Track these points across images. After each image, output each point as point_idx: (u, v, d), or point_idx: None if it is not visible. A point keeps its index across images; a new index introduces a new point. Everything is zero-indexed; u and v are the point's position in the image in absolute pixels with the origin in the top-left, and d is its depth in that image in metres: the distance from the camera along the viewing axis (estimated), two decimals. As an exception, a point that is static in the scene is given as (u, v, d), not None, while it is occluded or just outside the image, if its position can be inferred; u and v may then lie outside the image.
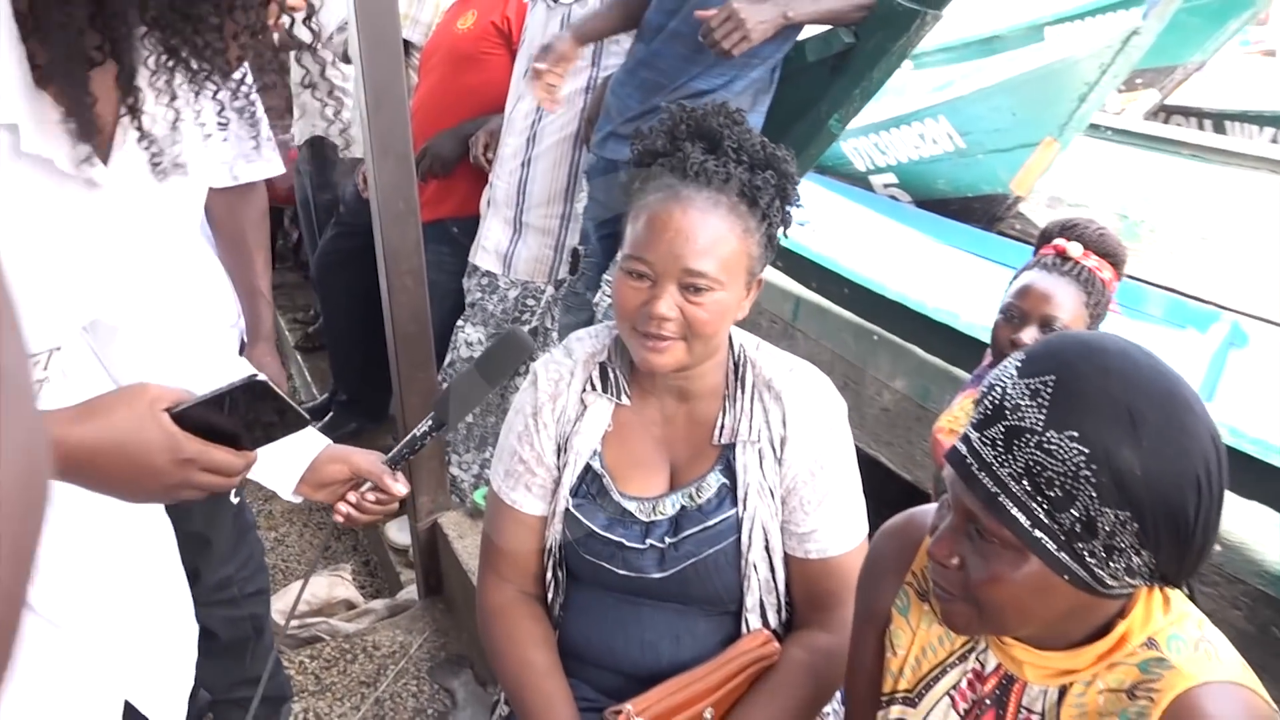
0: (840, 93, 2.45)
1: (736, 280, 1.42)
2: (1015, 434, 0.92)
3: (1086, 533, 0.91)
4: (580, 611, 1.60)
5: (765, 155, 1.44)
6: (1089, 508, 0.90)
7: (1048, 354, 0.94)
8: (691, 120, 1.45)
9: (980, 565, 0.99)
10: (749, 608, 1.53)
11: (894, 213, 5.86)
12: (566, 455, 1.56)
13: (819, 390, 1.54)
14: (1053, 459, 0.90)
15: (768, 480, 1.50)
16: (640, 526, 1.52)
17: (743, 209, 1.41)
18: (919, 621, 1.20)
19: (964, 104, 5.70)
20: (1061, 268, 1.92)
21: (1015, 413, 0.93)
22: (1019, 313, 1.92)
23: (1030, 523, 0.93)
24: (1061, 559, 0.93)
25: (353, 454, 1.35)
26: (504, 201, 2.98)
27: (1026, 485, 0.92)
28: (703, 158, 1.41)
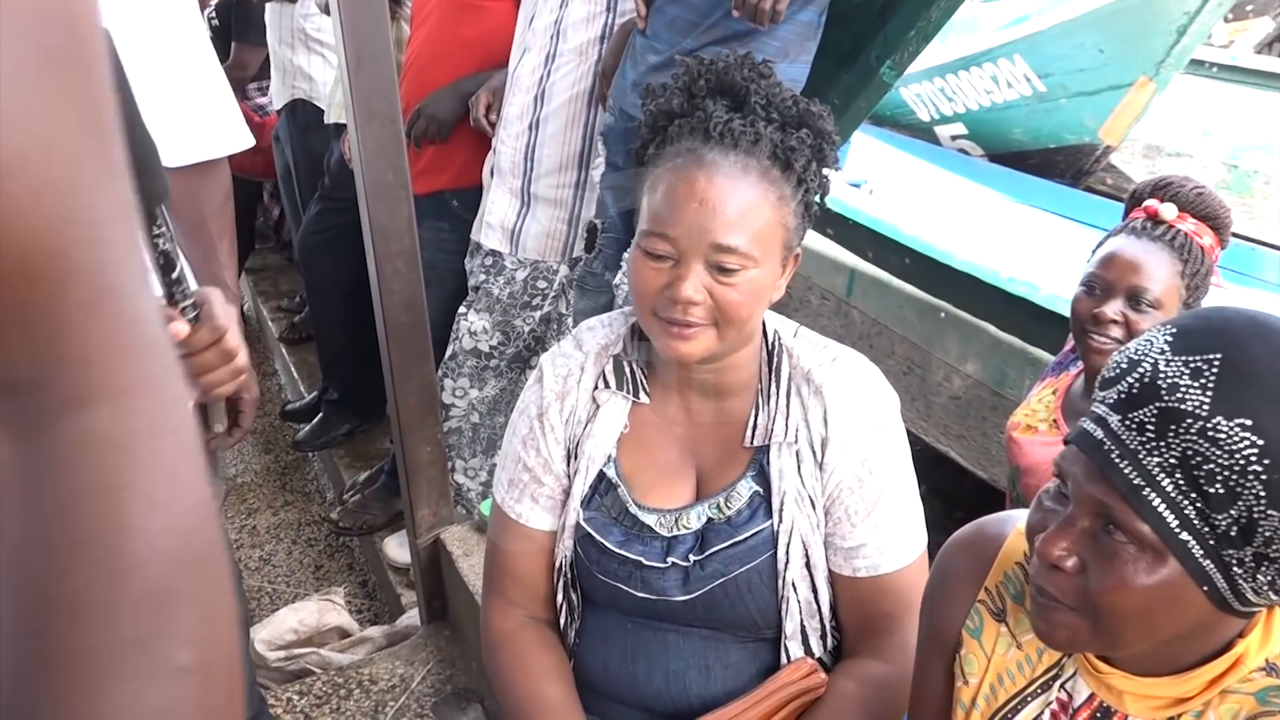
0: (893, 36, 2.43)
1: (771, 255, 1.42)
2: (1172, 418, 0.90)
3: (1241, 538, 0.90)
4: (596, 638, 1.62)
5: (798, 112, 1.43)
6: (1252, 509, 0.88)
7: (1208, 328, 0.93)
8: (711, 74, 1.43)
9: (1105, 568, 0.97)
10: (788, 634, 1.53)
11: (963, 168, 5.82)
12: (577, 461, 1.57)
13: (866, 382, 1.53)
14: (1218, 450, 0.88)
15: (807, 487, 1.50)
16: (661, 543, 1.53)
17: (775, 174, 1.40)
18: (994, 645, 1.19)
19: (1043, 40, 5.65)
20: (1153, 232, 1.90)
21: (1173, 394, 0.90)
22: (1102, 284, 1.90)
23: (1178, 522, 0.91)
24: (1205, 567, 0.92)
25: None
26: (509, 170, 2.98)
27: (1179, 479, 0.90)
28: (727, 116, 1.39)
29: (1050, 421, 2.06)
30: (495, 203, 3.03)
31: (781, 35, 2.41)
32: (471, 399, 3.11)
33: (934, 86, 6.16)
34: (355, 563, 3.65)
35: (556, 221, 2.98)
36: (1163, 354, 0.93)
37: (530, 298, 3.03)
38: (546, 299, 3.04)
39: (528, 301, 3.03)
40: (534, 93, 2.91)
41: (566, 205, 2.97)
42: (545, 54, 2.88)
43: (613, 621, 1.59)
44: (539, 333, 3.08)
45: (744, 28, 2.38)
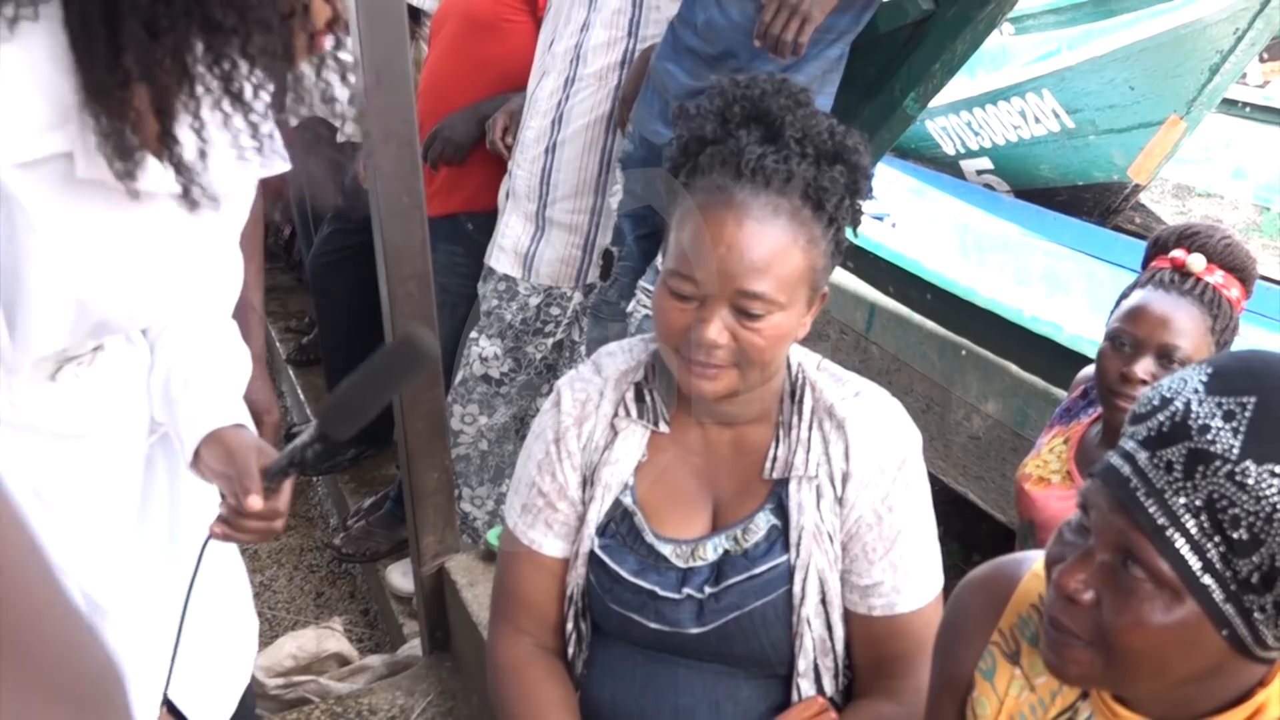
0: (917, 68, 2.46)
1: (797, 299, 1.43)
2: (1201, 459, 0.91)
3: (1263, 585, 0.90)
4: (605, 670, 1.63)
5: (834, 145, 1.42)
6: (1276, 556, 0.89)
7: (1245, 371, 0.94)
8: (747, 100, 1.42)
9: (1121, 604, 0.97)
10: (800, 671, 1.54)
11: (989, 204, 5.84)
12: (593, 489, 1.58)
13: (889, 418, 1.55)
14: (1245, 495, 0.89)
15: (826, 523, 1.51)
16: (676, 573, 1.54)
17: (806, 214, 1.41)
18: (1007, 687, 1.20)
19: (1073, 76, 5.67)
20: (1181, 285, 1.88)
21: (1203, 435, 0.91)
22: (1131, 340, 1.87)
23: (1200, 565, 0.92)
24: (1225, 611, 0.92)
25: (239, 446, 1.39)
26: (525, 193, 3.01)
27: (1204, 521, 0.91)
28: (760, 150, 1.39)
29: (1064, 473, 2.05)
30: (510, 227, 3.06)
31: (808, 71, 2.43)
32: (480, 426, 3.13)
33: (960, 120, 6.19)
34: (357, 590, 3.66)
35: (571, 247, 3.00)
36: (1196, 394, 0.94)
37: (543, 324, 3.05)
38: (559, 326, 3.06)
39: (540, 328, 3.06)
40: (552, 116, 2.94)
41: (582, 231, 2.99)
42: (564, 78, 2.91)
43: (623, 653, 1.61)
44: (551, 360, 3.10)
45: (772, 66, 2.40)
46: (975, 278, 4.25)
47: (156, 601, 1.36)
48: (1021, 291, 4.11)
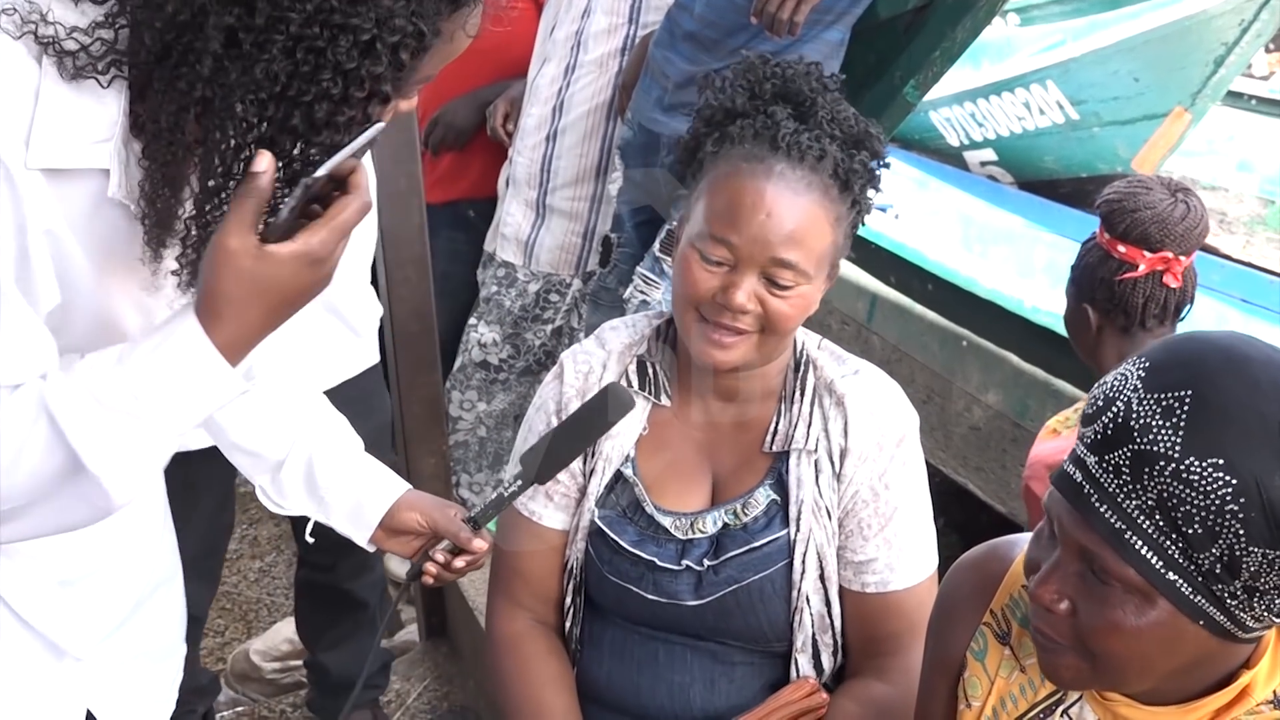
0: (917, 55, 2.47)
1: (820, 272, 1.48)
2: (1146, 461, 0.91)
3: (1227, 574, 0.91)
4: (602, 646, 1.65)
5: (859, 132, 1.48)
6: (1234, 547, 0.89)
7: (1180, 363, 0.94)
8: (778, 78, 1.48)
9: (1096, 611, 0.98)
10: (799, 647, 1.56)
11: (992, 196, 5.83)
12: (594, 461, 1.60)
13: (887, 397, 1.57)
14: (1192, 491, 0.89)
15: (824, 498, 1.54)
16: (676, 545, 1.56)
17: (835, 193, 1.46)
18: (998, 668, 1.22)
19: (1078, 67, 5.67)
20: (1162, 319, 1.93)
21: (1145, 435, 0.91)
22: None
23: (1162, 563, 0.92)
24: (1197, 603, 0.93)
25: (433, 507, 1.46)
26: (525, 181, 3.02)
27: (1159, 520, 0.92)
28: (795, 126, 1.44)
29: None
30: (510, 214, 3.07)
31: (807, 53, 2.43)
32: (479, 412, 3.14)
33: (964, 111, 6.18)
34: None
35: (571, 234, 3.01)
36: (1136, 391, 0.94)
37: (542, 311, 3.06)
38: (558, 313, 3.07)
39: (539, 315, 3.07)
40: (553, 104, 2.95)
41: (582, 218, 3.00)
42: (565, 65, 2.92)
43: (619, 631, 1.63)
44: (549, 346, 3.11)
45: (771, 46, 2.40)
46: (976, 268, 4.26)
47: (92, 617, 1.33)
48: (1023, 282, 4.11)
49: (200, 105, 0.97)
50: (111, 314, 1.09)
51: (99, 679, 1.33)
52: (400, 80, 1.01)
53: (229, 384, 1.03)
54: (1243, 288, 4.23)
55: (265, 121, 0.98)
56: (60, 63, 0.96)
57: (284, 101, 0.96)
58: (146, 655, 1.42)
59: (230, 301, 1.00)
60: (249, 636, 3.16)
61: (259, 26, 0.93)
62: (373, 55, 0.97)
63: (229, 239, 0.99)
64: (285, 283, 1.01)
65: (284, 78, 0.95)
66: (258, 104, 0.96)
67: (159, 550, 1.44)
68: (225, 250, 0.99)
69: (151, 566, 1.41)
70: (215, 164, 0.99)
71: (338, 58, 0.95)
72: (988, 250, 4.77)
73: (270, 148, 0.99)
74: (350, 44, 0.95)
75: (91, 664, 1.31)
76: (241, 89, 0.95)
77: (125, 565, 1.35)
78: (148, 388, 0.99)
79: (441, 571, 1.44)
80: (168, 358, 1.00)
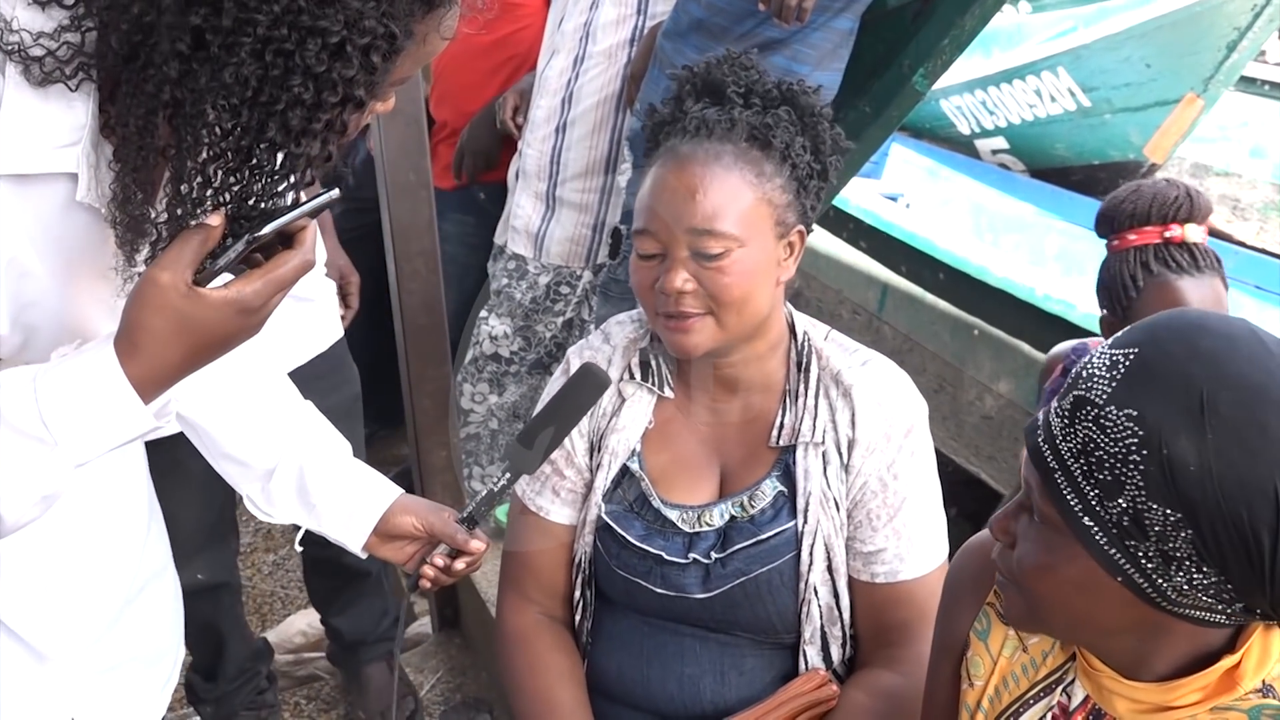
0: (926, 44, 2.46)
1: (761, 234, 1.47)
2: (1079, 405, 0.96)
3: (1136, 529, 0.94)
4: (611, 639, 1.65)
5: (780, 93, 1.50)
6: (1135, 499, 0.92)
7: (1147, 326, 0.98)
8: (696, 79, 1.52)
9: (1028, 550, 1.03)
10: (807, 639, 1.57)
11: (1003, 184, 5.83)
12: (600, 455, 1.61)
13: (895, 387, 1.57)
14: (1106, 436, 0.93)
15: (832, 489, 1.54)
16: (683, 538, 1.57)
17: (754, 153, 1.47)
18: (1000, 647, 1.23)
19: (1089, 54, 5.65)
20: (1196, 263, 1.85)
21: (1087, 382, 0.97)
22: None
23: (1081, 507, 0.96)
24: (1112, 555, 0.96)
25: (427, 510, 1.46)
26: (535, 173, 3.02)
27: (1082, 464, 0.96)
28: (703, 111, 1.48)
29: None
30: (520, 206, 3.07)
31: (816, 41, 2.44)
32: (491, 405, 3.14)
33: (975, 99, 6.17)
34: (368, 570, 3.68)
35: (581, 227, 3.01)
36: (1104, 347, 1.00)
37: (553, 303, 3.07)
38: (569, 305, 3.07)
39: (550, 307, 3.07)
40: (561, 95, 2.95)
41: (592, 210, 3.00)
42: (574, 56, 2.92)
43: (629, 623, 1.63)
44: (561, 339, 3.11)
45: (778, 34, 2.40)
46: (988, 257, 4.25)
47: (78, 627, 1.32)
48: (1034, 270, 4.11)
49: (170, 108, 0.96)
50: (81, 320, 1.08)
51: (84, 684, 1.33)
52: (374, 83, 0.99)
53: (137, 419, 1.01)
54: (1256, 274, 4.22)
55: (239, 129, 0.96)
56: (27, 69, 0.95)
57: (256, 108, 0.95)
58: (136, 659, 1.42)
59: (151, 335, 0.99)
60: (263, 629, 3.18)
61: (226, 28, 0.91)
62: (343, 58, 0.95)
63: (161, 272, 0.98)
64: (211, 327, 1.00)
65: (254, 82, 0.93)
66: (230, 109, 0.95)
67: (145, 548, 1.43)
68: (155, 283, 0.98)
69: (137, 565, 1.41)
70: (189, 168, 0.98)
71: (307, 61, 0.93)
72: (999, 239, 4.77)
73: (247, 159, 0.98)
74: (319, 47, 0.94)
75: (76, 669, 1.31)
76: (211, 93, 0.93)
77: (109, 566, 1.34)
78: (54, 413, 0.98)
79: (440, 575, 1.44)
80: (78, 384, 0.99)
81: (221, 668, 2.46)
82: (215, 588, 2.41)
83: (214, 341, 1.02)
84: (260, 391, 1.44)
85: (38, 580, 1.25)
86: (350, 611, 2.67)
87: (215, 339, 1.01)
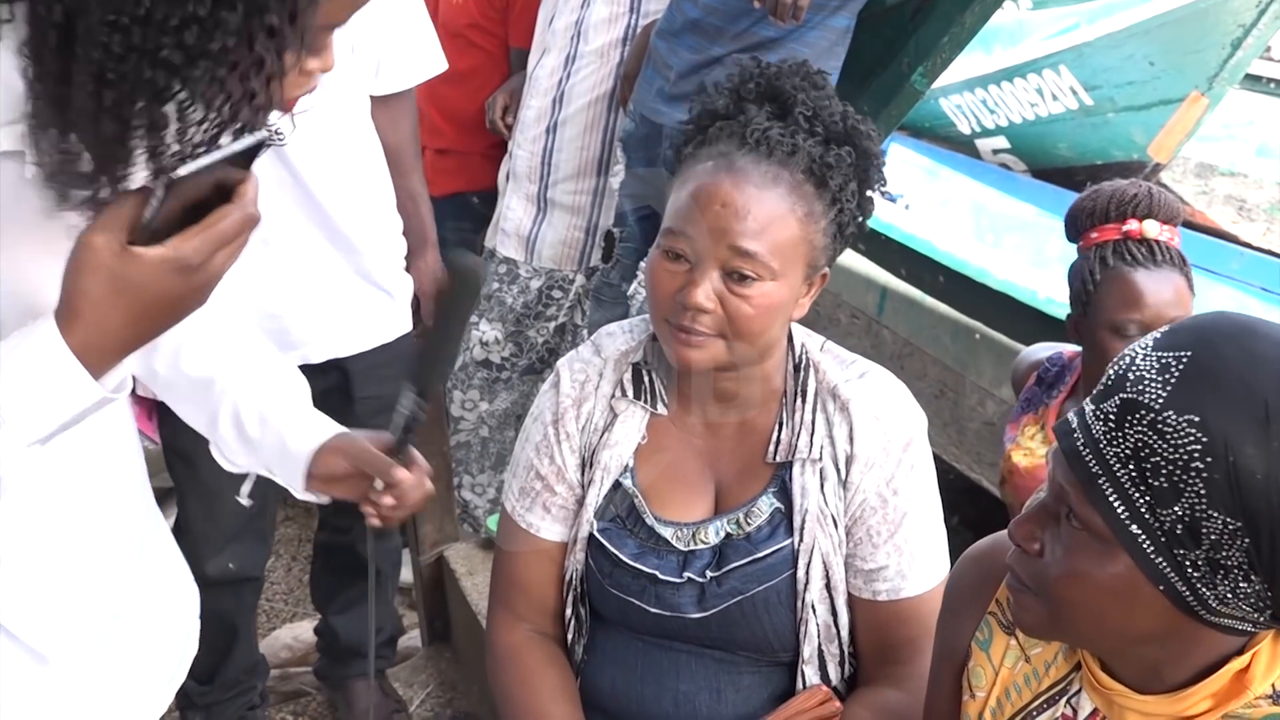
0: (925, 42, 2.46)
1: (792, 272, 1.45)
2: (1130, 409, 0.95)
3: (1189, 537, 0.93)
4: (605, 656, 1.64)
5: (845, 128, 1.47)
6: (1194, 507, 0.92)
7: (1192, 328, 0.97)
8: (763, 79, 1.48)
9: (1060, 555, 1.02)
10: (805, 658, 1.56)
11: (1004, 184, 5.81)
12: (592, 471, 1.60)
13: (893, 400, 1.56)
14: (1164, 442, 0.92)
15: (830, 506, 1.53)
16: (677, 556, 1.55)
17: (808, 189, 1.44)
18: (1003, 658, 1.23)
19: (1091, 52, 5.64)
20: (1153, 256, 1.90)
21: (1136, 385, 0.95)
22: (1140, 327, 1.87)
23: (1128, 514, 0.95)
24: (1157, 564, 0.95)
25: (354, 446, 1.40)
26: (526, 174, 3.02)
27: (1132, 470, 0.95)
28: (767, 124, 1.44)
29: None
30: (511, 209, 3.07)
31: (812, 40, 2.44)
32: (481, 412, 3.14)
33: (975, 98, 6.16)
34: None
35: (573, 229, 3.01)
36: (1144, 349, 0.98)
37: (545, 308, 3.06)
38: (561, 310, 3.07)
39: (542, 312, 3.07)
40: (552, 95, 2.95)
41: (584, 213, 3.00)
42: (565, 55, 2.91)
43: (623, 640, 1.62)
44: (552, 344, 3.11)
45: (774, 33, 2.40)
46: (989, 259, 4.25)
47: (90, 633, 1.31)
48: (1037, 274, 4.10)
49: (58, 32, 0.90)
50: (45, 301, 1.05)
51: (87, 685, 1.32)
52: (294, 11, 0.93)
53: (82, 390, 0.98)
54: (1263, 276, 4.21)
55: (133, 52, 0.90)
56: None
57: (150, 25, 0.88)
58: (140, 658, 1.41)
59: (89, 300, 0.96)
60: (249, 643, 3.16)
61: None
62: None
63: (94, 235, 0.95)
64: (149, 287, 0.97)
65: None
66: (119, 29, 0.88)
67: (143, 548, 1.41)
68: (88, 246, 0.95)
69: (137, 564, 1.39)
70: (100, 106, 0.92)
71: None
72: (1000, 240, 4.76)
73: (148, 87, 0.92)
74: None
75: (78, 670, 1.30)
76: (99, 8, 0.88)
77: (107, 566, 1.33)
78: None
79: (385, 512, 1.37)
80: (18, 358, 0.97)
81: (222, 670, 2.44)
82: (242, 582, 2.41)
83: (155, 304, 0.98)
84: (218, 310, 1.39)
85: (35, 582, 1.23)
86: (353, 612, 2.65)
87: (157, 301, 0.98)
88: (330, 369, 2.28)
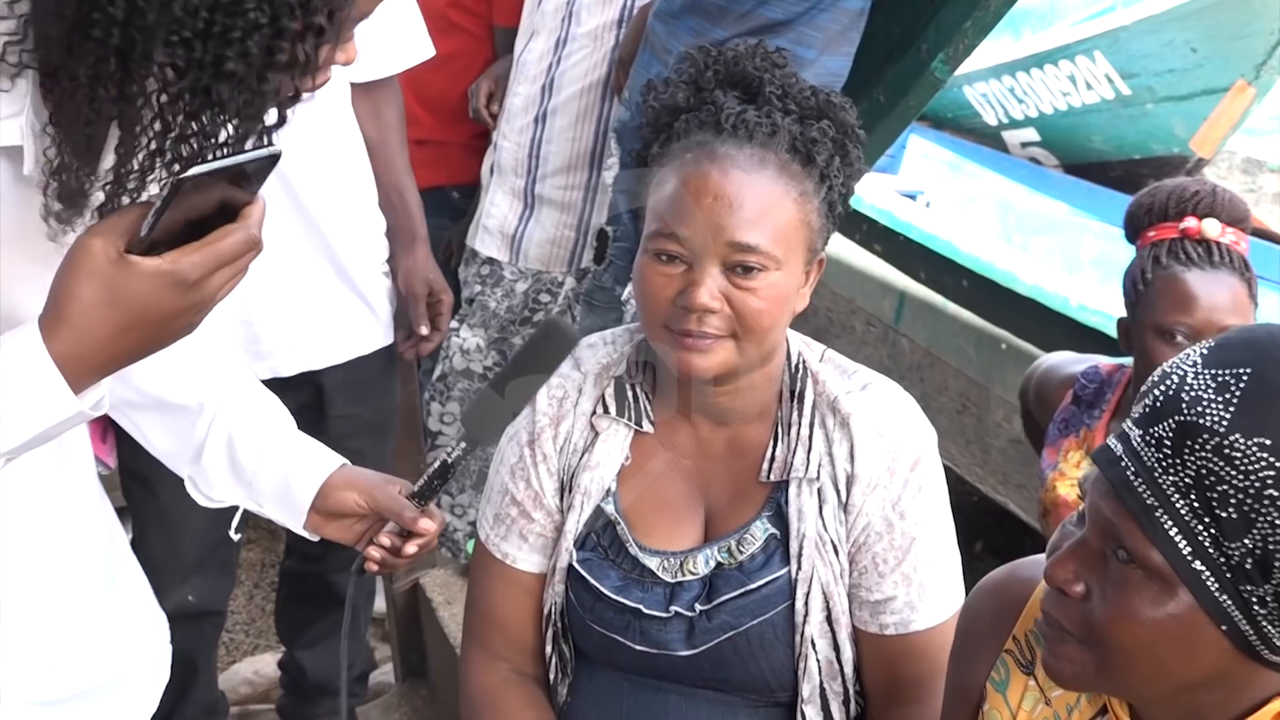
0: (946, 26, 2.44)
1: (794, 258, 1.46)
2: (1189, 433, 0.93)
3: (1258, 572, 0.91)
4: (589, 698, 1.63)
5: (818, 103, 1.48)
6: (1268, 538, 0.90)
7: (1245, 342, 0.96)
8: (720, 64, 1.49)
9: (1111, 596, 1.00)
10: (805, 697, 1.54)
11: (1034, 180, 5.83)
12: (571, 496, 1.59)
13: (898, 414, 1.55)
14: (1233, 469, 0.91)
15: (829, 530, 1.52)
16: (664, 589, 1.54)
17: (796, 168, 1.45)
18: (1020, 700, 1.22)
19: (1128, 37, 5.66)
20: (1211, 257, 1.90)
21: (1193, 407, 0.93)
22: (1189, 331, 1.88)
23: (1190, 549, 0.94)
24: (1221, 602, 0.94)
25: (372, 485, 1.42)
26: (512, 168, 3.01)
27: (1194, 501, 0.93)
28: (740, 107, 1.45)
29: None
30: (495, 205, 3.06)
31: (823, 23, 2.43)
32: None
33: (1002, 86, 6.18)
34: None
35: (563, 227, 3.00)
36: (1194, 366, 0.96)
37: (531, 313, 3.05)
38: (550, 314, 3.06)
39: (528, 317, 3.05)
40: (541, 82, 2.94)
41: (575, 209, 2.99)
42: (555, 39, 2.90)
43: (607, 679, 1.61)
44: (540, 353, 3.10)
45: (781, 14, 2.40)
46: (1017, 262, 4.24)
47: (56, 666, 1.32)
48: (1069, 278, 4.10)
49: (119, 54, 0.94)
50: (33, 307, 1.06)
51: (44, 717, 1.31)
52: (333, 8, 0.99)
53: (59, 402, 0.99)
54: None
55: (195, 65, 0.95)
56: None
57: (210, 40, 0.93)
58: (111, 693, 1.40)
59: (78, 305, 0.97)
60: (206, 677, 3.16)
61: None
62: None
63: (94, 238, 0.97)
64: (143, 299, 0.98)
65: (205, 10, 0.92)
66: (183, 44, 0.93)
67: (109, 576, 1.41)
68: (85, 247, 0.97)
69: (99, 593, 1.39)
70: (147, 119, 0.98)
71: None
72: (1029, 241, 4.76)
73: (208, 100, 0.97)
74: None
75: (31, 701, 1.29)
76: (163, 29, 0.92)
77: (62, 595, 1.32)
78: None
79: (388, 556, 1.40)
80: None
81: (179, 711, 2.44)
82: (202, 615, 2.41)
83: (146, 318, 0.99)
84: None
85: None
86: (321, 646, 2.63)
87: (148, 315, 0.99)
88: (302, 383, 2.27)
